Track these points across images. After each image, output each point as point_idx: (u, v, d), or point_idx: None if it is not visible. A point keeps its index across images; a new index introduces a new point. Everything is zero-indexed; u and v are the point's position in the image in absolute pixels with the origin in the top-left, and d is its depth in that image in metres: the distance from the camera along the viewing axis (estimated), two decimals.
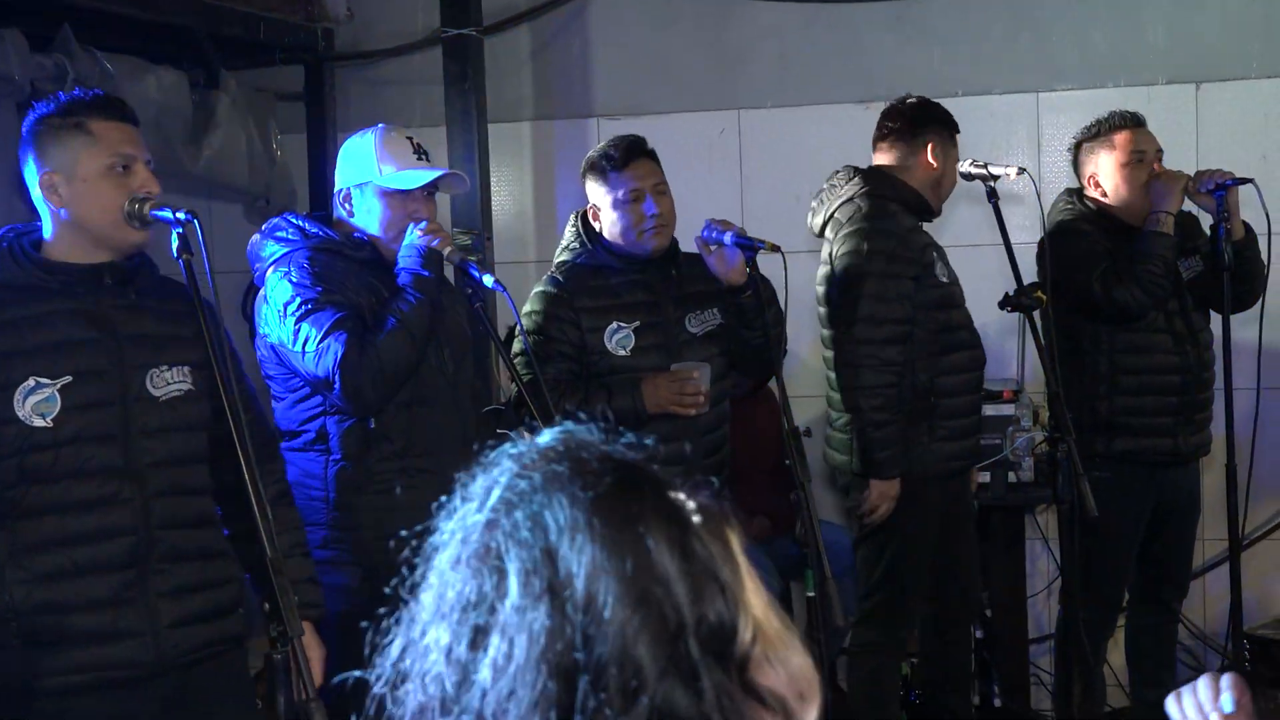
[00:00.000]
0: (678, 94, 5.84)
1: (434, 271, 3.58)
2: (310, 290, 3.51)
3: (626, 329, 4.10)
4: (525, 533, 1.16)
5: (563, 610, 1.13)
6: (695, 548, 1.16)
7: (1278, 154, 5.40)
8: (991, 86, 5.63)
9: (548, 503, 1.17)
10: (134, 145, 3.00)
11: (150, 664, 2.97)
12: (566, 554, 1.14)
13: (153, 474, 2.98)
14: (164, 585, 2.98)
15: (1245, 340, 4.70)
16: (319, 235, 3.66)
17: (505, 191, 5.96)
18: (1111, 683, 5.19)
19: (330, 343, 3.44)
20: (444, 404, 3.70)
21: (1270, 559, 5.53)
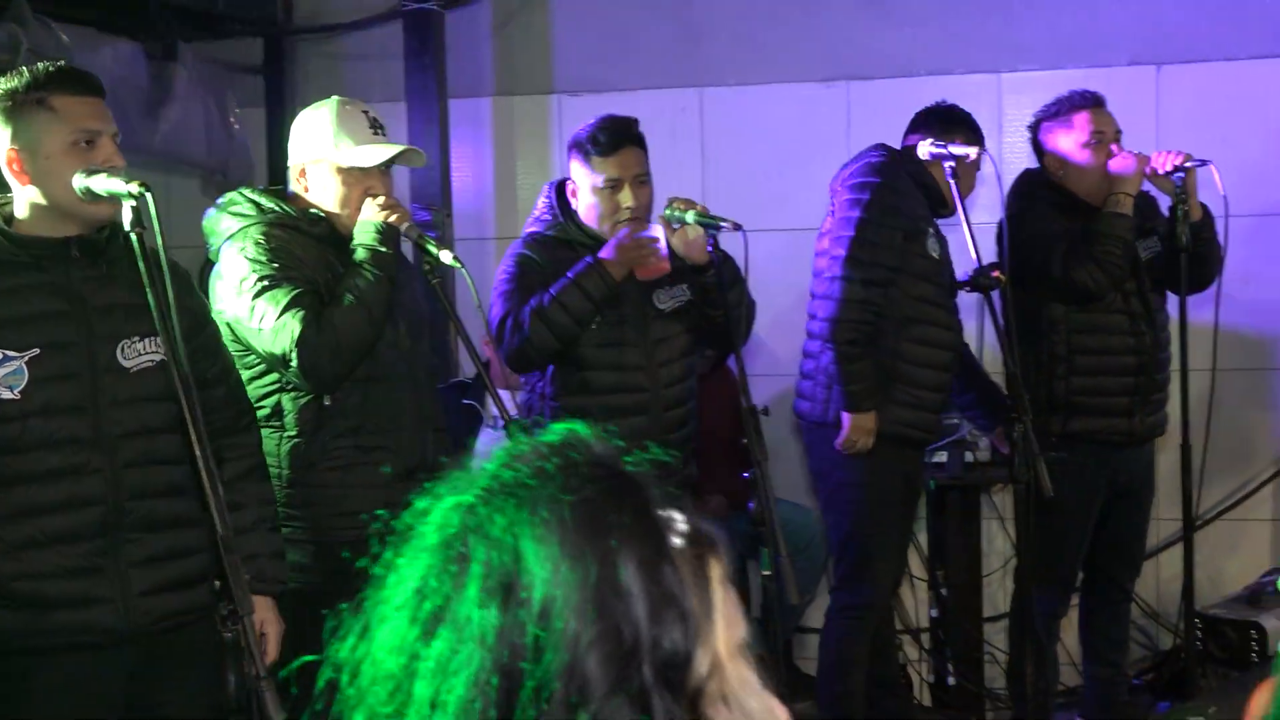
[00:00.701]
0: (640, 71, 5.82)
1: (391, 248, 3.56)
2: (266, 266, 3.47)
3: None
4: (496, 529, 1.12)
5: (516, 612, 1.09)
6: (665, 571, 1.12)
7: (1237, 136, 5.43)
8: (954, 66, 5.64)
9: (525, 500, 1.13)
10: (98, 119, 2.98)
11: (120, 631, 2.99)
12: (531, 555, 1.11)
13: (123, 444, 3.00)
14: (136, 554, 3.00)
15: (1201, 321, 4.72)
16: (274, 210, 3.62)
17: (465, 168, 5.93)
18: (1065, 661, 5.23)
19: (287, 319, 3.41)
20: (400, 380, 3.68)
21: (1223, 539, 5.58)
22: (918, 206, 4.56)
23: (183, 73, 5.37)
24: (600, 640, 1.08)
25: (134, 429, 3.02)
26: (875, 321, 4.47)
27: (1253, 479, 5.56)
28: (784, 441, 5.43)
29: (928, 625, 5.53)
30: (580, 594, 1.09)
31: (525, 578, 1.10)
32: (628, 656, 1.09)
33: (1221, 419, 4.92)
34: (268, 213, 3.61)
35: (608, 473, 1.17)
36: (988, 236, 4.67)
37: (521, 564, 1.10)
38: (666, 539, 1.14)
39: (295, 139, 3.73)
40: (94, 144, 2.96)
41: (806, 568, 5.06)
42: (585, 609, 1.09)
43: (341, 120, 3.64)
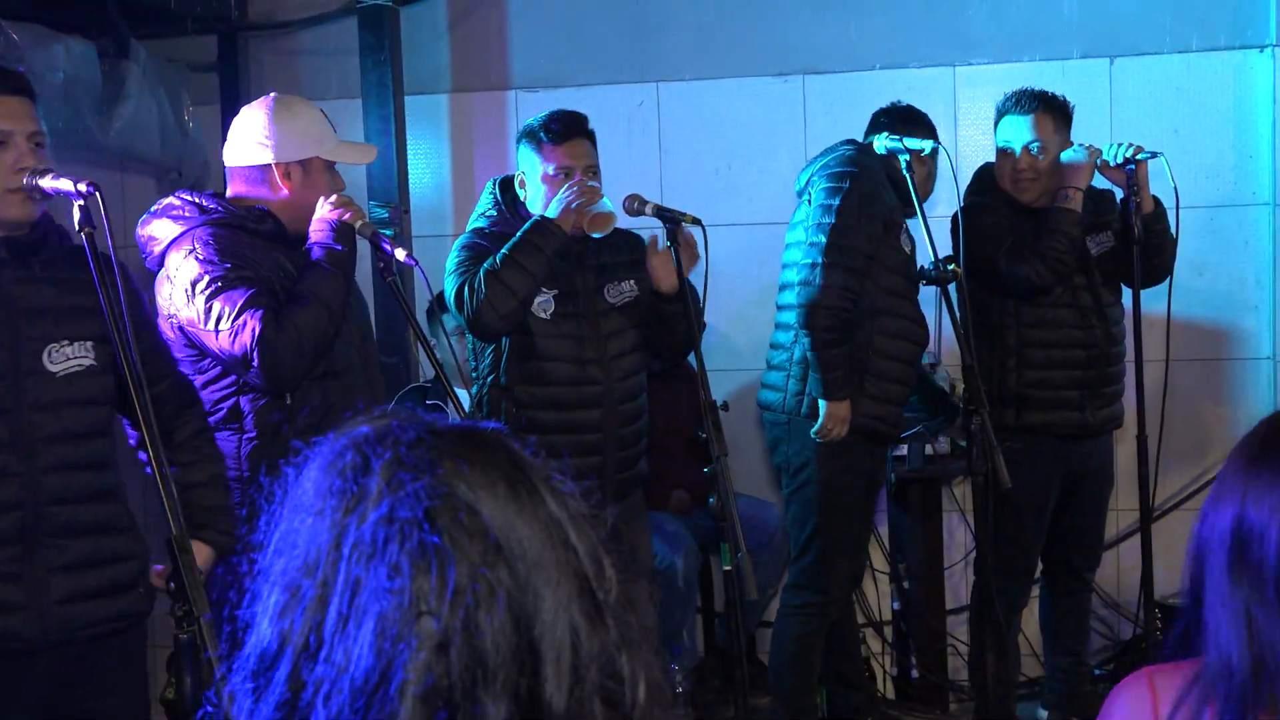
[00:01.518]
0: (596, 66, 5.81)
1: (347, 245, 3.55)
2: (218, 267, 3.44)
3: (547, 295, 4.09)
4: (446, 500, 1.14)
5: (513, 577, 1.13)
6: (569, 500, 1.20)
7: (1189, 127, 5.47)
8: (908, 60, 5.65)
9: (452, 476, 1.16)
10: (13, 119, 2.93)
11: (35, 638, 2.94)
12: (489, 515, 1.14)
13: (44, 448, 2.95)
14: (55, 560, 2.95)
15: (1155, 313, 4.75)
16: (218, 211, 3.58)
17: (422, 164, 5.91)
18: (1026, 652, 5.26)
19: (246, 319, 3.38)
20: (356, 374, 3.68)
21: (1181, 529, 5.61)
22: (893, 199, 4.59)
23: (136, 70, 5.32)
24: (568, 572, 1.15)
25: (56, 433, 2.97)
26: (853, 310, 4.48)
27: (1209, 468, 5.59)
28: (744, 436, 5.43)
29: (890, 618, 5.54)
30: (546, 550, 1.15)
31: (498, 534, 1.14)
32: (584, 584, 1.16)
33: (1177, 409, 4.95)
34: (210, 213, 3.57)
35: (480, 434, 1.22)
36: (943, 230, 4.69)
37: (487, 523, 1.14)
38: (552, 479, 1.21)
39: (277, 136, 3.68)
40: (6, 144, 2.91)
41: (768, 562, 5.06)
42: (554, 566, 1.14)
43: (317, 118, 3.71)
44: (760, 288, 5.36)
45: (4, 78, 2.98)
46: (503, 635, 1.10)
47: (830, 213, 4.48)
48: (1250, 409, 5.59)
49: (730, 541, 3.58)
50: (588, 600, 1.14)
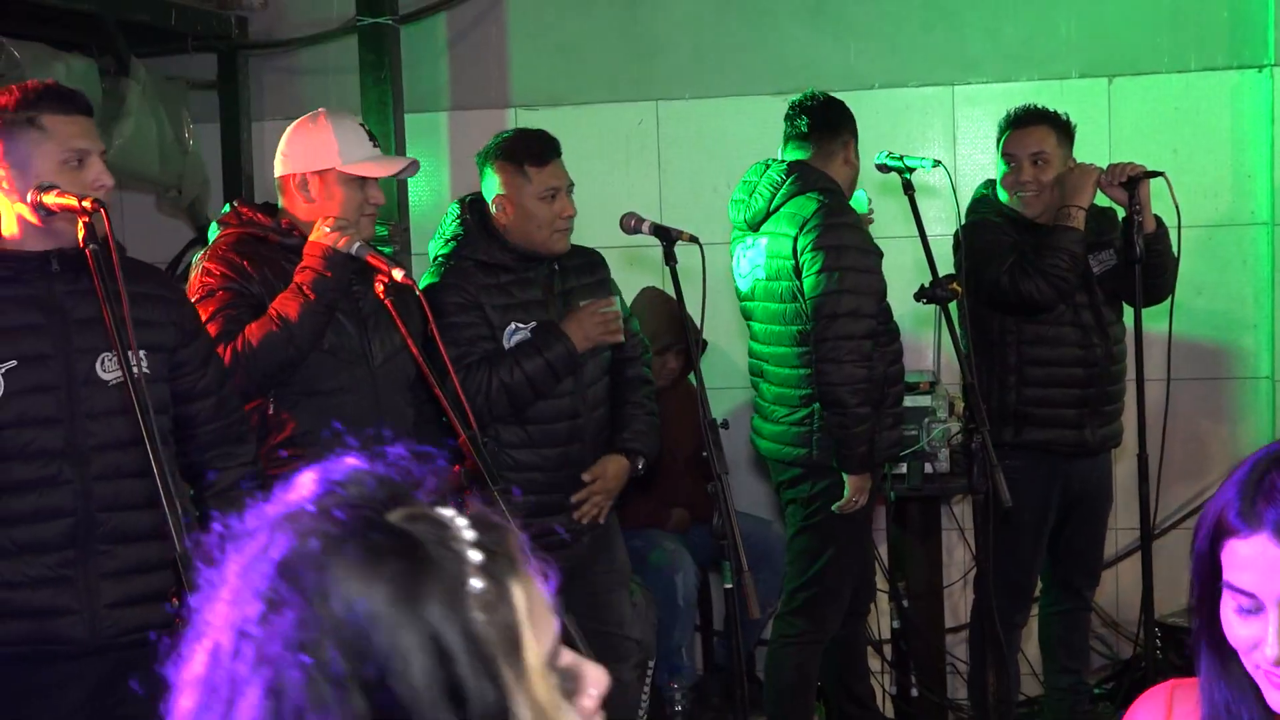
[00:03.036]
0: (595, 85, 5.82)
1: (338, 271, 3.56)
2: (213, 276, 3.60)
3: (524, 329, 4.11)
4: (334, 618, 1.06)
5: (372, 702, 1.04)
6: (470, 621, 1.07)
7: (1188, 147, 5.48)
8: (907, 79, 5.67)
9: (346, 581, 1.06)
10: (88, 138, 3.03)
11: (85, 641, 3.00)
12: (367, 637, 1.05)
13: (96, 456, 3.02)
14: (106, 566, 3.02)
15: (1156, 332, 4.76)
16: (250, 221, 3.72)
17: (422, 182, 5.91)
18: (1026, 671, 5.25)
19: (209, 326, 3.51)
20: (356, 395, 3.67)
21: (1181, 548, 5.60)
22: (867, 231, 4.56)
23: (136, 88, 5.32)
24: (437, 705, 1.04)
25: (108, 441, 3.03)
26: (871, 375, 4.45)
27: (1209, 488, 5.59)
28: (745, 454, 5.43)
29: (889, 637, 5.53)
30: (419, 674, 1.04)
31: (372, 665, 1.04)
32: None
33: (1177, 429, 4.95)
34: (245, 224, 3.71)
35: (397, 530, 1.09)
36: (943, 248, 4.70)
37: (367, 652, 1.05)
38: (463, 584, 1.08)
39: (291, 150, 3.77)
40: (84, 163, 3.00)
41: (768, 580, 5.05)
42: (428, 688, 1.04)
43: (344, 131, 3.74)
44: None
45: (73, 98, 3.06)
46: None
47: (835, 278, 4.39)
48: (1249, 428, 5.60)
49: (732, 560, 3.58)
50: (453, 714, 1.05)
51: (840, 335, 4.40)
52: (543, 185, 4.10)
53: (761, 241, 4.58)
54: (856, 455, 4.44)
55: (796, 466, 4.59)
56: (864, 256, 4.46)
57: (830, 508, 4.55)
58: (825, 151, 4.57)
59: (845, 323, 4.40)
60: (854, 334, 4.40)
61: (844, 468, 4.46)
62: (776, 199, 4.53)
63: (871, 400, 4.44)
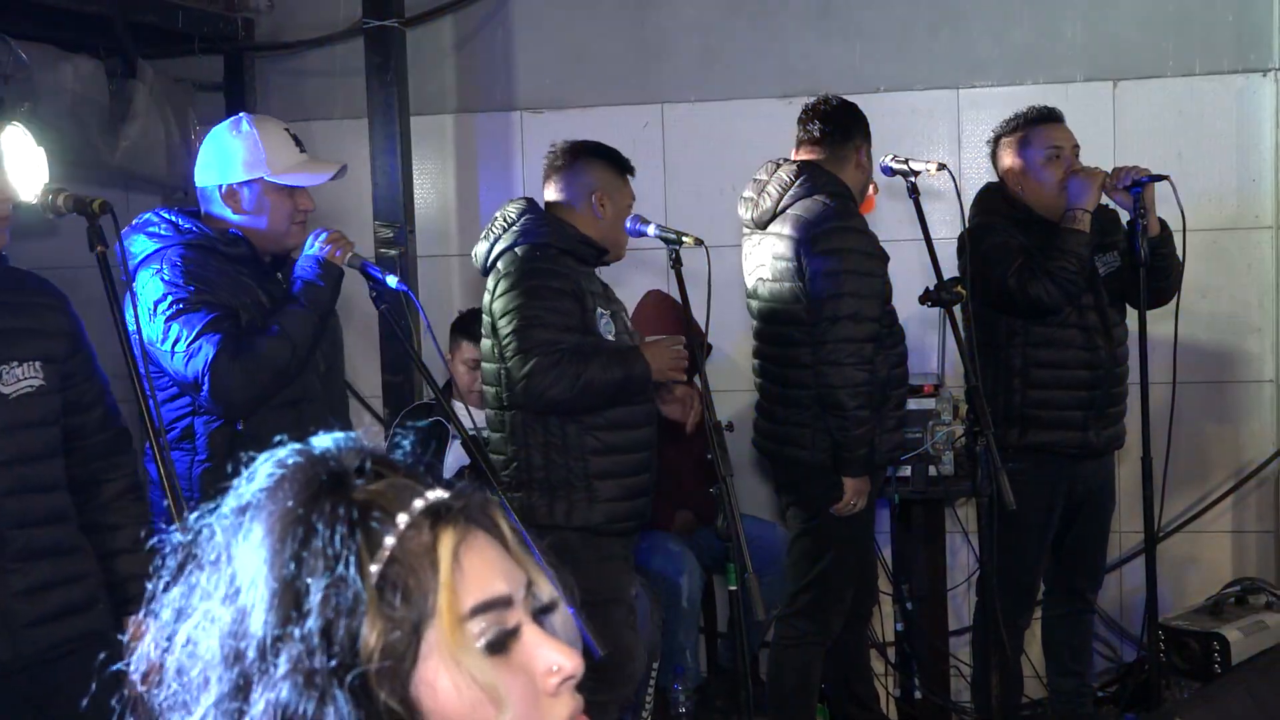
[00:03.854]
0: (601, 88, 5.83)
1: (329, 284, 3.56)
2: (182, 289, 3.48)
3: (607, 315, 4.20)
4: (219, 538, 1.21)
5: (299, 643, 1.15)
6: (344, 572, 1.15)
7: (1192, 151, 5.48)
8: (912, 82, 5.67)
9: None
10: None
11: (6, 663, 2.93)
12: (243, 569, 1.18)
13: (2, 472, 2.93)
14: (18, 584, 2.95)
15: (1161, 335, 4.76)
16: (193, 231, 3.62)
17: (428, 185, 5.92)
18: (1029, 673, 5.25)
19: (202, 344, 3.42)
20: (314, 403, 3.68)
21: (1185, 551, 5.62)
22: (873, 234, 4.57)
23: (143, 90, 5.34)
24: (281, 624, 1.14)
25: (12, 456, 2.96)
26: (872, 379, 4.46)
27: (1213, 491, 5.61)
28: (749, 457, 5.43)
29: (893, 639, 5.54)
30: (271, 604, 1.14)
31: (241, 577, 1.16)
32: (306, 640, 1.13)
33: (1181, 432, 4.95)
34: (185, 233, 3.60)
35: (306, 476, 1.20)
36: (948, 251, 4.70)
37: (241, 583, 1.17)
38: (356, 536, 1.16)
39: (216, 159, 3.70)
40: None
41: (773, 582, 5.06)
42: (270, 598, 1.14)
43: (269, 138, 3.66)
44: None
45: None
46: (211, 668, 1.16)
47: (838, 280, 4.40)
48: (1253, 432, 5.61)
49: (737, 562, 3.58)
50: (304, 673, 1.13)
51: (841, 338, 4.40)
52: (630, 197, 4.28)
53: (767, 241, 4.58)
54: (855, 458, 4.45)
55: (797, 468, 4.60)
56: (867, 260, 4.46)
57: (825, 526, 4.56)
58: (837, 155, 4.58)
59: (846, 325, 4.40)
60: (855, 337, 4.40)
61: (841, 470, 4.47)
62: (784, 200, 4.54)
63: (872, 403, 4.45)
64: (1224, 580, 5.44)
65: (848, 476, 4.47)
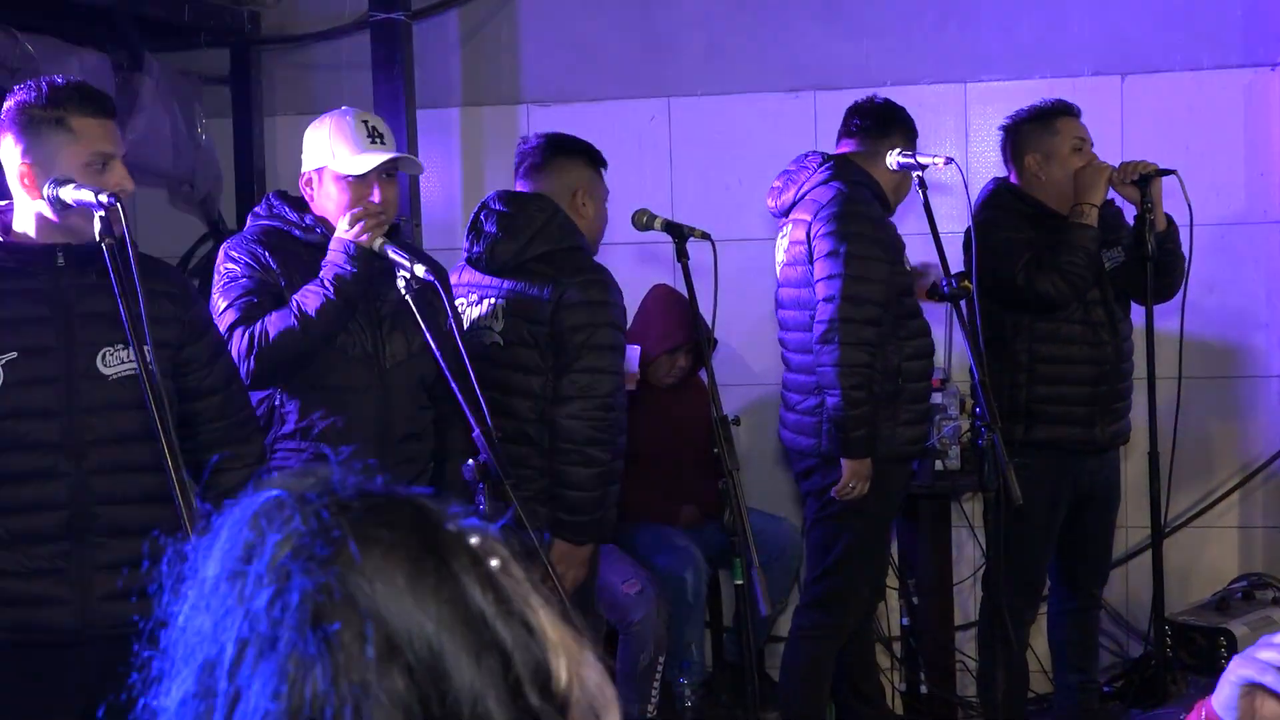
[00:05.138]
0: (607, 81, 5.83)
1: (358, 267, 3.56)
2: (235, 264, 3.65)
3: None
4: (333, 604, 1.00)
5: (410, 674, 1.00)
6: (497, 583, 1.05)
7: (1200, 145, 5.47)
8: (919, 76, 5.66)
9: (346, 566, 1.02)
10: (112, 142, 3.05)
11: (75, 632, 3.01)
12: (384, 608, 1.01)
13: (93, 450, 3.02)
14: (102, 558, 3.01)
15: (1167, 330, 4.75)
16: (278, 215, 3.75)
17: (434, 178, 5.92)
18: (1035, 669, 5.24)
19: (226, 312, 3.57)
20: (364, 394, 3.67)
21: (1191, 546, 5.61)
22: (889, 225, 4.57)
23: (149, 83, 5.33)
24: (490, 678, 1.01)
25: (106, 435, 3.04)
26: (872, 362, 4.45)
27: (1219, 487, 5.60)
28: (755, 451, 5.43)
29: (899, 634, 5.54)
30: (451, 636, 1.01)
31: (398, 633, 1.00)
32: (514, 686, 1.02)
33: (1188, 427, 4.94)
34: (273, 217, 3.75)
35: (399, 508, 1.07)
36: (955, 245, 4.69)
37: (385, 621, 1.00)
38: (479, 553, 1.07)
39: (304, 148, 3.80)
40: (107, 166, 3.02)
41: (779, 577, 5.06)
42: (464, 649, 1.01)
43: (339, 129, 3.71)
44: (771, 303, 5.36)
45: (101, 100, 3.06)
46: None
47: (839, 261, 4.41)
48: (1260, 427, 5.60)
49: (743, 556, 3.58)
50: (510, 704, 1.02)
51: (838, 318, 4.40)
52: (605, 191, 4.31)
53: (787, 228, 4.62)
54: (850, 439, 4.42)
55: (810, 457, 4.59)
56: (872, 246, 4.45)
57: (840, 515, 4.56)
58: (871, 150, 4.60)
59: (844, 307, 4.40)
60: (852, 318, 4.40)
61: (838, 450, 4.45)
62: (805, 187, 4.57)
63: (871, 387, 4.43)
64: (1231, 576, 5.44)
65: (844, 458, 4.46)
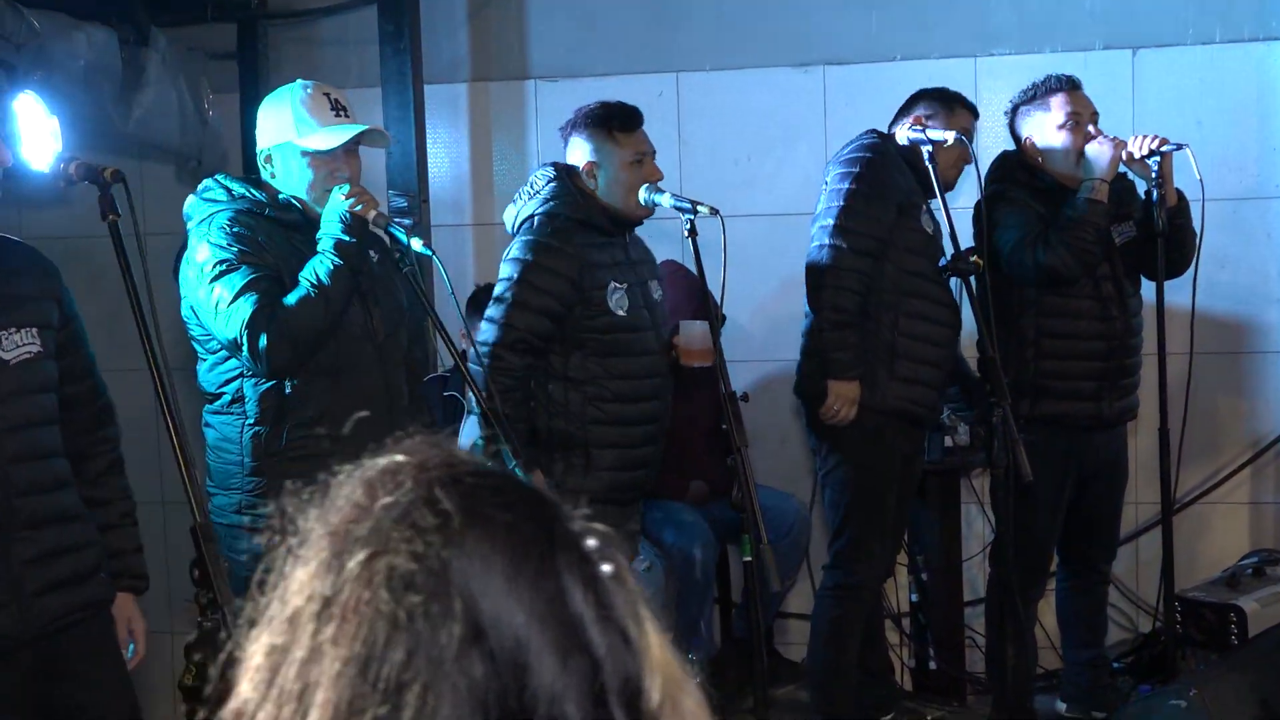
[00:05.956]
0: (616, 56, 5.80)
1: (355, 236, 3.54)
2: (227, 251, 3.49)
3: (621, 290, 4.21)
4: (428, 576, 0.98)
5: (491, 662, 0.97)
6: (601, 589, 1.01)
7: (1212, 120, 5.44)
8: (929, 51, 5.63)
9: (449, 541, 0.99)
10: None
11: (17, 635, 2.92)
12: (477, 589, 0.98)
13: (8, 439, 2.93)
14: (26, 553, 2.94)
15: (1178, 305, 4.73)
16: (245, 196, 3.63)
17: (442, 154, 5.90)
18: (1044, 644, 5.24)
19: (240, 304, 3.43)
20: (368, 371, 3.66)
21: (1201, 522, 5.60)
22: (910, 182, 4.58)
23: (156, 58, 5.31)
24: (573, 679, 0.98)
25: (17, 422, 2.95)
26: (863, 292, 4.50)
27: (1229, 463, 5.58)
28: (764, 427, 5.42)
29: (908, 610, 5.53)
30: (541, 629, 0.97)
31: (487, 622, 0.97)
32: (599, 695, 0.98)
33: (1198, 403, 4.92)
34: (237, 199, 3.62)
35: (517, 492, 1.04)
36: (966, 220, 4.68)
37: (474, 609, 0.97)
38: (592, 555, 1.03)
39: (260, 125, 3.73)
40: None
41: (787, 553, 5.05)
42: (551, 646, 0.97)
43: (302, 103, 3.65)
44: (779, 279, 5.35)
45: None
46: None
47: (840, 195, 4.52)
48: (1270, 403, 5.58)
49: (752, 532, 3.58)
50: (590, 712, 0.98)
51: (828, 245, 4.50)
52: (632, 150, 4.23)
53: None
54: (831, 360, 4.50)
55: (811, 400, 4.63)
56: (873, 186, 4.51)
57: (837, 468, 4.63)
58: (898, 123, 4.69)
59: (835, 235, 4.49)
60: (839, 246, 4.48)
61: (824, 371, 4.52)
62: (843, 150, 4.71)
63: (851, 310, 4.49)
64: (1241, 552, 5.43)
65: (829, 378, 4.51)
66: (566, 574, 1.00)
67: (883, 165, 4.55)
